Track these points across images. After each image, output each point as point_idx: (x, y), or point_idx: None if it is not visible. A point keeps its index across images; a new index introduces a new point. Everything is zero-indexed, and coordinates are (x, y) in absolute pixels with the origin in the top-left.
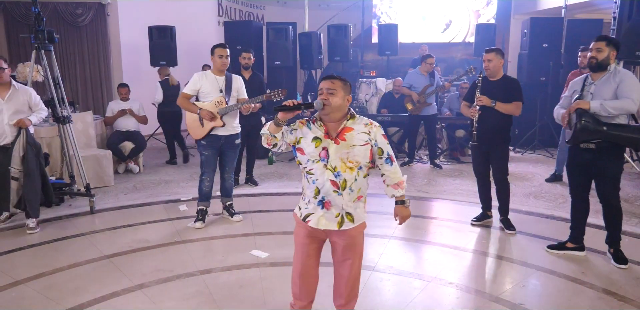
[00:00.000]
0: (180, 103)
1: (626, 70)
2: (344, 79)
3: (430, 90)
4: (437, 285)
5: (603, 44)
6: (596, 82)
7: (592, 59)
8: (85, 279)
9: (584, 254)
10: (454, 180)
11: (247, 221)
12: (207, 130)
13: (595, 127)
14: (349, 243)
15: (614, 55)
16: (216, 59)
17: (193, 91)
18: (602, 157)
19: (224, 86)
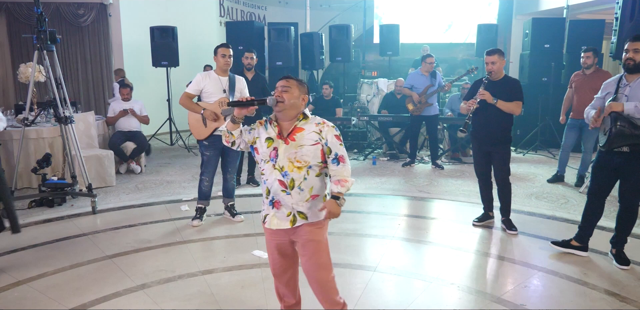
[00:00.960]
0: (183, 103)
1: None
2: (300, 80)
3: (432, 90)
4: (438, 285)
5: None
6: (631, 84)
7: (629, 60)
8: (87, 279)
9: (586, 255)
10: (456, 180)
11: (249, 221)
12: (210, 131)
13: (632, 131)
14: (307, 239)
15: None
16: (219, 59)
17: (196, 91)
18: (634, 160)
19: (227, 86)
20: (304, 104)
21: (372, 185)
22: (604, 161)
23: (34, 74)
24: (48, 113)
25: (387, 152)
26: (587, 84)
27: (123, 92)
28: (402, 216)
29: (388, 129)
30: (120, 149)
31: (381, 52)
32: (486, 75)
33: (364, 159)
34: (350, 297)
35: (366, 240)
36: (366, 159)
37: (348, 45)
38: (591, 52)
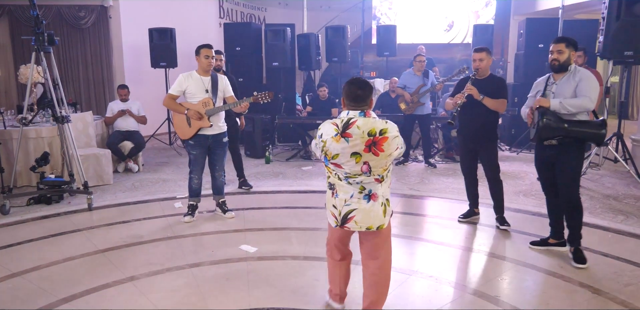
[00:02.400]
0: (167, 104)
1: (585, 69)
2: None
3: (424, 90)
4: (417, 278)
5: (563, 46)
6: (557, 82)
7: (554, 61)
8: (79, 271)
9: (566, 249)
10: (447, 178)
11: (240, 218)
12: (194, 131)
13: (558, 124)
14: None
15: (574, 55)
16: (202, 60)
17: (179, 92)
18: (564, 152)
19: (209, 86)
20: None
21: None
22: (539, 156)
23: (32, 75)
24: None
25: None
26: None
27: (121, 92)
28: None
29: None
30: (118, 148)
31: (378, 52)
32: (473, 72)
33: None
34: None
35: None
36: None
37: (344, 46)
38: (581, 52)
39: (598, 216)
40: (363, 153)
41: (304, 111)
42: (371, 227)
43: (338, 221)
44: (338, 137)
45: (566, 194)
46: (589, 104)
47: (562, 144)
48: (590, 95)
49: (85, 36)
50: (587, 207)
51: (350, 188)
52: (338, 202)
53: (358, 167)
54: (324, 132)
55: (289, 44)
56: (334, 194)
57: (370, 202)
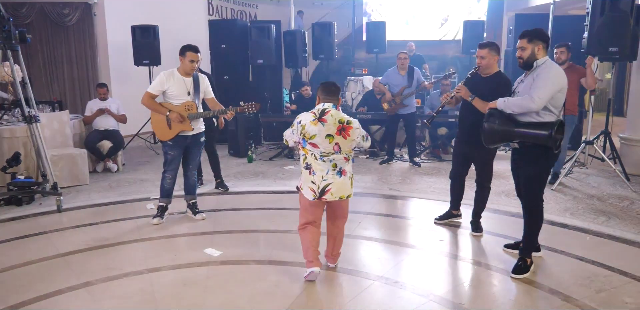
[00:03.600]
0: (147, 103)
1: (551, 64)
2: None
3: (407, 92)
4: (381, 284)
5: (525, 42)
6: (524, 80)
7: (519, 59)
8: (34, 277)
9: (540, 255)
10: (430, 178)
11: (211, 220)
12: (175, 133)
13: (504, 127)
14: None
15: (540, 48)
16: (186, 63)
17: (158, 91)
18: (524, 156)
19: (191, 88)
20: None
21: None
22: (511, 159)
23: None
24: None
25: (367, 149)
26: None
27: (100, 91)
28: (364, 214)
29: (369, 127)
30: (96, 148)
31: (368, 49)
32: (474, 68)
33: None
34: (289, 293)
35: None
36: None
37: (331, 43)
38: (564, 47)
39: (579, 217)
40: (335, 135)
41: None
42: (343, 197)
43: (316, 194)
44: (315, 121)
45: (524, 199)
46: (529, 103)
47: (523, 148)
48: (533, 94)
49: (70, 34)
50: (569, 207)
51: (324, 165)
52: (316, 178)
53: (330, 146)
54: (302, 119)
55: (274, 41)
56: (311, 173)
57: (341, 176)
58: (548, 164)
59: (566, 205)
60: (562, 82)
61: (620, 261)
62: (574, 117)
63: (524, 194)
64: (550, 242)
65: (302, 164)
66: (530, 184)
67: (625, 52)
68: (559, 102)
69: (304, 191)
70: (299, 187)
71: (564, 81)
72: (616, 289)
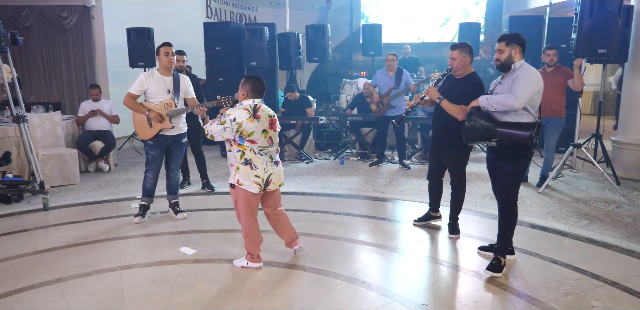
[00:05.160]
0: (127, 103)
1: (528, 67)
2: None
3: (394, 92)
4: (348, 284)
5: (503, 45)
6: (502, 81)
7: (497, 61)
8: (9, 272)
9: (514, 258)
10: (417, 180)
11: (191, 219)
12: (155, 131)
13: (484, 126)
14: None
15: (517, 51)
16: (162, 58)
17: (139, 91)
18: (501, 155)
19: (171, 87)
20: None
21: (329, 185)
22: (487, 157)
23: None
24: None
25: (358, 151)
26: (548, 82)
27: (92, 92)
28: (343, 215)
29: (360, 129)
30: (88, 148)
31: (364, 51)
32: (446, 69)
33: (334, 158)
34: (255, 292)
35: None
36: (336, 159)
37: (324, 45)
38: (556, 50)
39: (560, 221)
40: (268, 130)
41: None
42: (281, 184)
43: (262, 186)
44: (252, 118)
45: (499, 198)
46: (512, 101)
47: (500, 147)
48: (516, 93)
49: (68, 36)
50: (552, 211)
51: (263, 159)
52: (259, 171)
53: (265, 141)
54: (236, 116)
55: (267, 44)
56: (253, 167)
57: (277, 166)
58: (525, 162)
59: (550, 208)
60: (540, 85)
61: (594, 265)
62: (561, 119)
63: (499, 192)
64: (526, 245)
65: (239, 160)
66: (507, 182)
67: (614, 54)
68: (536, 103)
69: (247, 186)
70: (236, 184)
71: (541, 83)
72: (585, 293)
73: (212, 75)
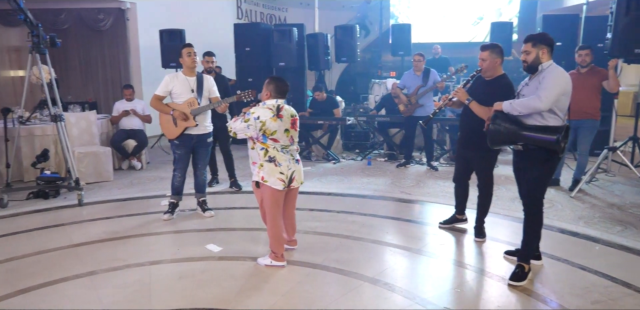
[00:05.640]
0: (154, 105)
1: (555, 67)
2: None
3: (422, 90)
4: (371, 285)
5: (529, 46)
6: (529, 83)
7: (524, 63)
8: (46, 264)
9: (540, 263)
10: (444, 182)
11: (218, 217)
12: (180, 131)
13: (509, 129)
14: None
15: (545, 52)
16: (185, 59)
17: (165, 92)
18: (527, 159)
19: (195, 86)
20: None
21: (355, 185)
22: (513, 161)
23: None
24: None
25: (386, 152)
26: (582, 83)
27: (126, 92)
28: (369, 216)
29: (387, 130)
30: (121, 146)
31: (393, 52)
32: (475, 71)
33: (361, 159)
34: (277, 290)
35: (320, 238)
36: (364, 160)
37: (353, 45)
38: (589, 50)
39: (592, 226)
40: (290, 129)
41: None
42: (302, 182)
43: (286, 183)
44: (275, 118)
45: (523, 203)
46: (536, 103)
47: (526, 150)
48: (541, 94)
49: (104, 38)
50: (584, 216)
51: (286, 156)
52: (283, 168)
53: (287, 139)
54: (260, 115)
55: (296, 44)
56: (277, 164)
57: (299, 164)
58: (551, 167)
59: (582, 213)
60: (567, 86)
61: (626, 273)
62: (595, 122)
63: (525, 198)
64: (555, 250)
65: (263, 158)
66: (532, 187)
67: None
68: (563, 105)
69: (272, 183)
70: (260, 180)
71: (568, 84)
72: (614, 301)
73: (242, 76)
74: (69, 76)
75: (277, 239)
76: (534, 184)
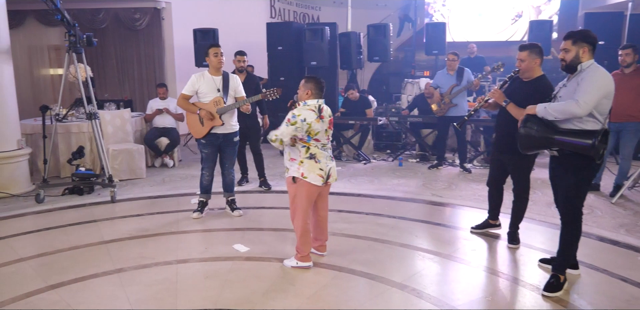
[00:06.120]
0: (181, 104)
1: (596, 67)
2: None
3: (456, 90)
4: (398, 290)
5: (569, 43)
6: (567, 84)
7: (562, 61)
8: (77, 260)
9: (577, 273)
10: (477, 185)
11: (247, 216)
12: (207, 130)
13: (542, 133)
14: (287, 187)
15: (586, 50)
16: (212, 58)
17: (191, 92)
18: (562, 165)
19: (221, 86)
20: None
21: (385, 187)
22: (549, 169)
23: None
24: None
25: (418, 153)
26: (626, 84)
27: (159, 91)
28: (398, 219)
29: (420, 130)
30: (154, 144)
31: (427, 51)
32: (513, 71)
33: (392, 160)
34: (303, 293)
35: (348, 241)
36: (395, 160)
37: (386, 44)
38: (630, 49)
39: (634, 234)
40: (328, 129)
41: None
42: (336, 179)
43: (324, 179)
44: (318, 119)
45: (560, 211)
46: (574, 109)
47: (562, 156)
48: (579, 98)
49: (140, 37)
50: (625, 223)
51: (324, 154)
52: (322, 165)
53: (326, 138)
54: (306, 117)
55: (328, 43)
56: (317, 161)
57: (333, 161)
58: (589, 174)
59: (623, 220)
60: (609, 88)
61: None
62: (639, 124)
63: (561, 206)
64: (593, 260)
65: (304, 154)
66: (569, 195)
67: None
68: (604, 109)
69: (312, 179)
70: (300, 177)
71: (611, 86)
72: None
73: (274, 75)
74: (106, 75)
75: (305, 238)
76: (571, 191)
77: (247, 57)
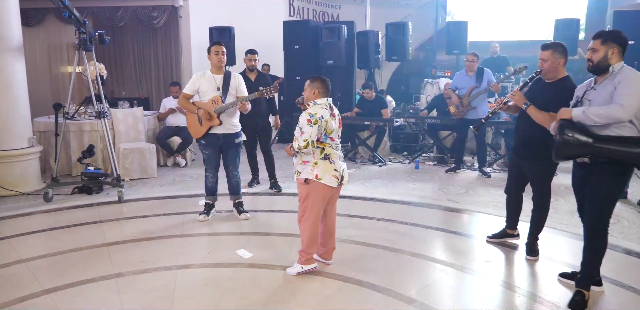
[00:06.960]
0: (181, 103)
1: (631, 70)
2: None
3: (476, 92)
4: (406, 304)
5: (598, 43)
6: (596, 87)
7: (589, 62)
8: (76, 263)
9: (601, 290)
10: (497, 190)
11: (254, 220)
12: (205, 130)
13: (581, 140)
14: (297, 188)
15: (615, 52)
16: (213, 57)
17: (192, 91)
18: (595, 174)
19: (221, 84)
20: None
21: (399, 191)
22: (573, 174)
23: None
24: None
25: (435, 156)
26: None
27: (173, 90)
28: (411, 225)
29: (438, 132)
30: (166, 143)
31: (448, 50)
32: (535, 72)
33: (409, 162)
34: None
35: (356, 248)
36: (411, 163)
37: (405, 43)
38: None
39: None
40: (338, 128)
41: (352, 112)
42: (348, 181)
43: (339, 180)
44: (331, 117)
45: (587, 222)
46: (619, 113)
47: (595, 164)
48: (623, 102)
49: (157, 35)
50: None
51: (338, 154)
52: (337, 165)
53: (337, 137)
54: (322, 115)
55: (345, 42)
56: (331, 161)
57: (345, 162)
58: (623, 182)
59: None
60: None
61: None
62: None
63: (588, 215)
64: (619, 275)
65: (319, 156)
66: (599, 205)
67: None
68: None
69: (327, 180)
70: (314, 178)
71: None
72: None
73: (290, 74)
74: (124, 72)
75: (313, 238)
76: (602, 201)
77: (258, 56)
